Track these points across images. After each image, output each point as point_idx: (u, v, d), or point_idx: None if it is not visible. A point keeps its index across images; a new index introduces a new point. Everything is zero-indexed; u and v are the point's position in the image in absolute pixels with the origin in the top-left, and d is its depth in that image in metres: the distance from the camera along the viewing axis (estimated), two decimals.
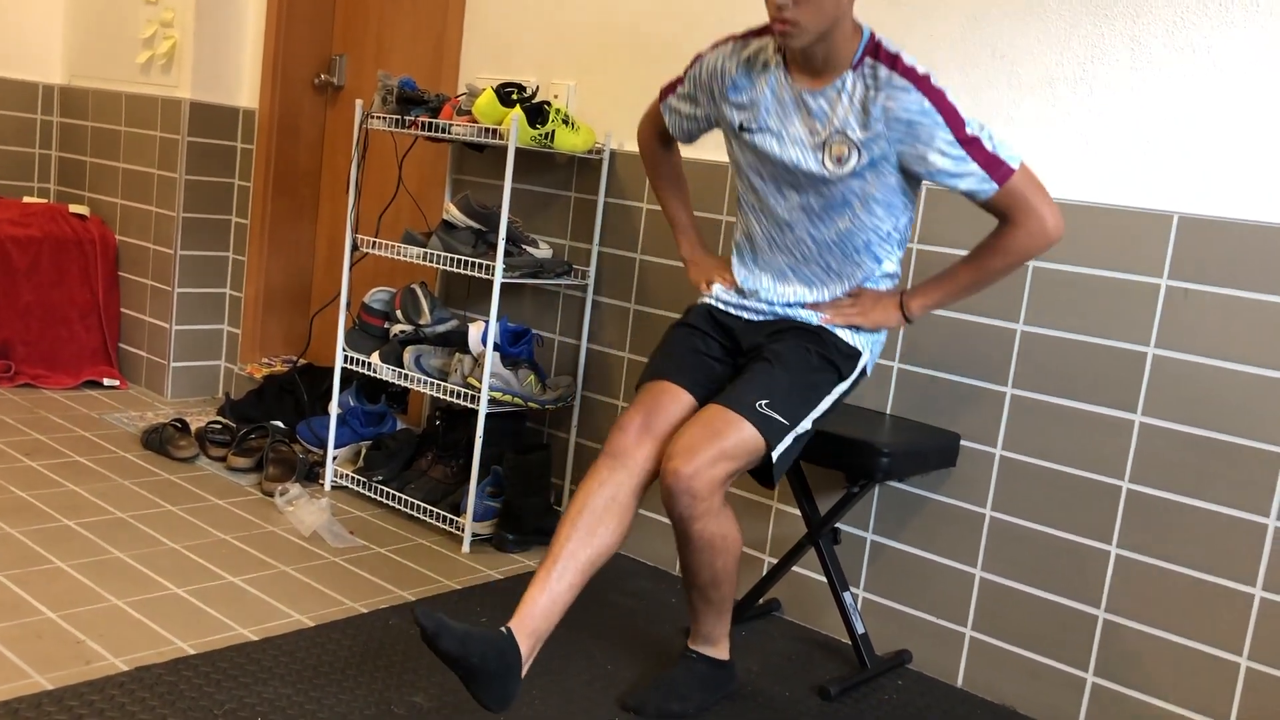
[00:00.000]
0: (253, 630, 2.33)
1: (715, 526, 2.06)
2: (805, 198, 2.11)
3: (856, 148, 2.02)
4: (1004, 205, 2.03)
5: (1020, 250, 2.05)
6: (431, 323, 3.23)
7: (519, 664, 1.94)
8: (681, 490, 2.00)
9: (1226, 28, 2.16)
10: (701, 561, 2.11)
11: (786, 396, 2.08)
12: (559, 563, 2.01)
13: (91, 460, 3.30)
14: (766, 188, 2.16)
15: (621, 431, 2.12)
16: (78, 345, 4.14)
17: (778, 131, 2.09)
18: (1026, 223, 2.02)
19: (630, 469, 2.09)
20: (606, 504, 2.05)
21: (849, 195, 2.08)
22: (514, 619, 1.97)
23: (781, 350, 2.15)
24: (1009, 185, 2.00)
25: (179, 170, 3.99)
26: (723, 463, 2.01)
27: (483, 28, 3.40)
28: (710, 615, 2.22)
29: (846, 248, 2.14)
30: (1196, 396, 2.20)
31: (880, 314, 2.18)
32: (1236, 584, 2.17)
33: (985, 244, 2.09)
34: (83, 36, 4.41)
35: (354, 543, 2.90)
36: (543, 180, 3.26)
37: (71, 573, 2.50)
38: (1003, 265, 2.08)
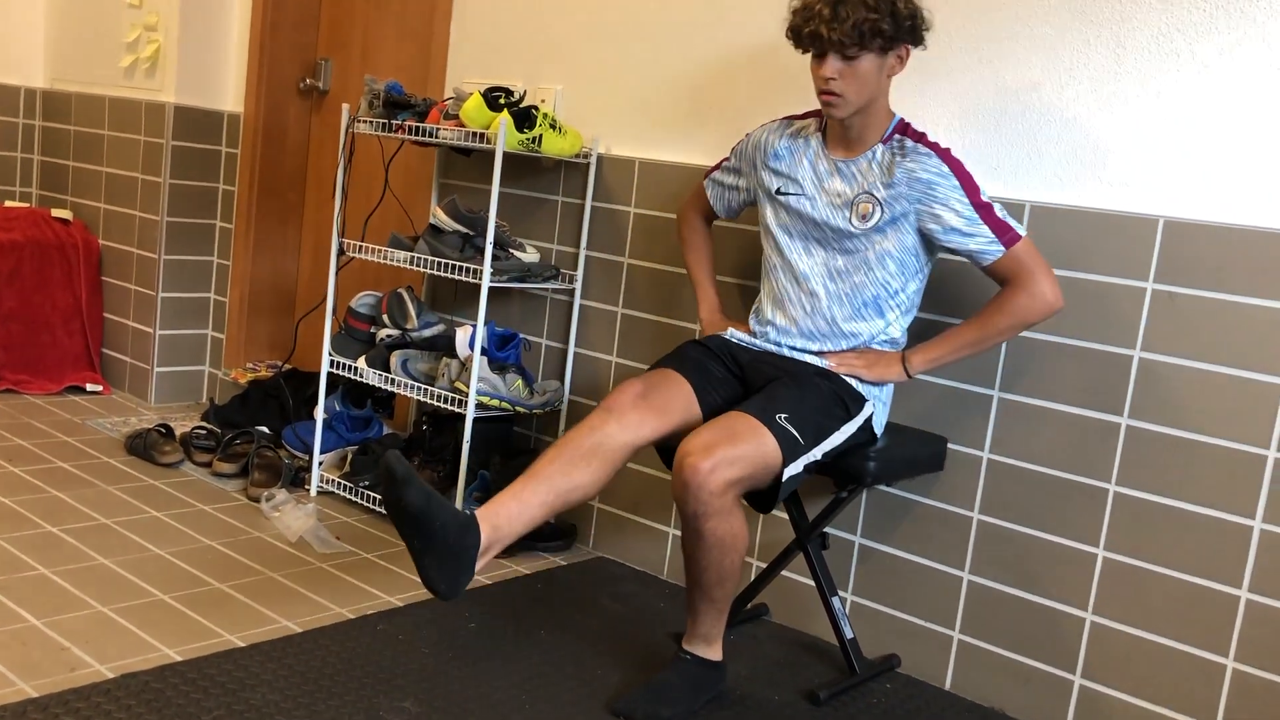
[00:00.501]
0: (240, 637, 2.32)
1: (726, 525, 2.08)
2: (829, 254, 2.30)
3: (880, 204, 2.22)
4: (1009, 270, 2.18)
5: (1023, 311, 2.18)
6: (418, 327, 3.22)
7: (475, 548, 1.94)
8: (697, 485, 2.03)
9: (1212, 34, 2.17)
10: (710, 560, 2.13)
11: (808, 418, 2.17)
12: (534, 480, 2.07)
13: (75, 466, 3.27)
14: (793, 244, 2.34)
15: (620, 392, 2.23)
16: (60, 350, 4.11)
17: (812, 195, 2.31)
18: (1029, 286, 2.17)
19: (622, 424, 2.16)
20: (592, 447, 2.13)
21: (868, 252, 2.26)
22: (481, 509, 2.01)
23: (801, 381, 2.26)
24: (1015, 250, 2.17)
25: (163, 174, 3.97)
26: (738, 464, 2.06)
27: (469, 32, 3.40)
28: (710, 614, 2.23)
29: (856, 301, 2.29)
30: (1182, 399, 2.21)
31: (883, 368, 2.30)
32: (1222, 586, 2.18)
33: (990, 304, 2.23)
34: (65, 40, 4.39)
35: (341, 548, 2.89)
36: (530, 184, 3.26)
37: (56, 579, 2.48)
38: (1006, 326, 2.21)
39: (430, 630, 2.45)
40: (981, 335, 2.24)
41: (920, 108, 2.52)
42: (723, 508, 2.07)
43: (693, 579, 2.19)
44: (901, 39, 2.17)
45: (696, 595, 2.21)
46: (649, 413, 2.21)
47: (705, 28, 2.88)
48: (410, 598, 2.63)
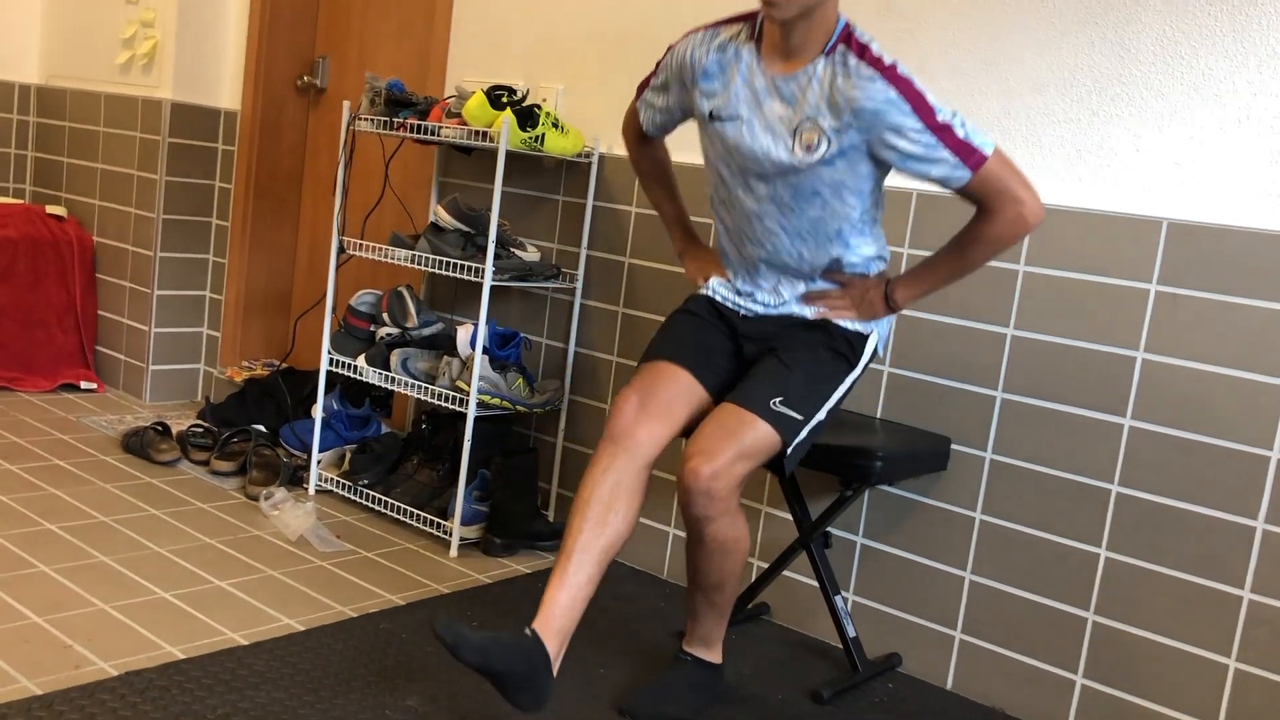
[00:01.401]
0: (242, 635, 2.31)
1: (729, 529, 2.07)
2: (773, 188, 2.09)
3: (826, 136, 2.00)
4: (980, 192, 2.00)
5: (999, 238, 2.03)
6: (418, 326, 3.21)
7: (547, 664, 1.95)
8: (700, 491, 2.01)
9: (1215, 38, 2.18)
10: (711, 564, 2.12)
11: (801, 393, 2.09)
12: (574, 556, 2.01)
13: (71, 464, 3.25)
14: (734, 180, 2.13)
15: (619, 413, 2.11)
16: (54, 348, 4.09)
17: (748, 119, 2.07)
18: (1004, 209, 1.99)
19: (631, 451, 2.07)
20: (613, 489, 2.04)
21: (818, 184, 2.05)
22: (538, 619, 1.97)
23: (792, 346, 2.15)
24: (983, 172, 1.98)
25: (159, 171, 3.96)
26: (740, 462, 2.03)
27: (470, 30, 3.39)
28: (711, 617, 2.22)
29: (820, 236, 2.12)
30: (1185, 400, 2.23)
31: (868, 309, 2.18)
32: (1225, 586, 2.19)
33: (964, 233, 2.07)
34: (60, 36, 4.36)
35: (341, 547, 2.88)
36: (531, 183, 3.26)
37: (56, 577, 2.47)
38: (983, 254, 2.07)
39: None
40: (961, 266, 2.10)
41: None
42: (726, 510, 2.05)
43: (694, 582, 2.19)
44: None
45: (698, 598, 2.21)
46: (654, 423, 2.10)
47: None
48: (411, 596, 2.62)
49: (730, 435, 2.03)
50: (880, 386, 2.61)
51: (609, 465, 2.07)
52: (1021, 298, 2.41)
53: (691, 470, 2.01)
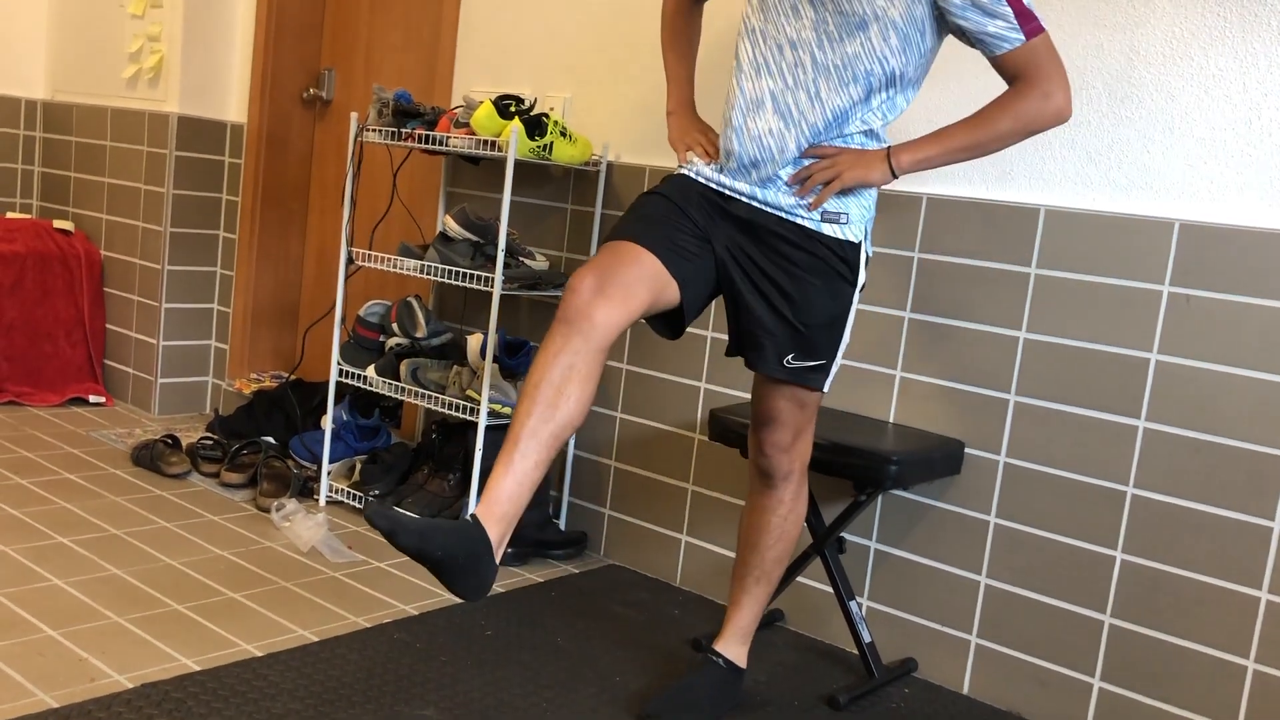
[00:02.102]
0: (257, 646, 2.30)
1: (799, 492, 2.21)
2: (821, 13, 1.98)
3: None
4: (1024, 64, 1.95)
5: (1032, 115, 1.97)
6: (427, 335, 3.22)
7: (489, 551, 1.84)
8: (781, 448, 2.16)
9: (1226, 38, 2.19)
10: (784, 530, 2.22)
11: (810, 343, 2.09)
12: (521, 442, 1.88)
13: (82, 477, 3.25)
14: (782, 6, 2.02)
15: (574, 294, 1.93)
16: (63, 362, 4.10)
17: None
18: (1042, 85, 1.95)
19: (586, 334, 1.91)
20: (565, 373, 1.89)
21: (870, 14, 1.95)
22: (479, 504, 1.87)
23: (782, 286, 2.05)
24: (1035, 42, 1.93)
25: (166, 185, 3.96)
26: (806, 426, 2.17)
27: (476, 40, 3.40)
28: (751, 608, 2.28)
29: (845, 74, 1.99)
30: (1199, 402, 2.22)
31: (863, 168, 2.02)
32: (1242, 587, 2.18)
33: (995, 104, 2.00)
34: (67, 52, 4.38)
35: (353, 557, 2.88)
36: (538, 192, 3.26)
37: (70, 590, 2.47)
38: (1009, 129, 1.99)
39: (447, 638, 2.44)
40: (982, 138, 2.01)
41: (932, 111, 2.52)
42: (804, 472, 2.20)
43: (750, 563, 2.26)
44: None
45: (748, 584, 2.27)
46: (611, 306, 1.92)
47: (714, 32, 2.88)
48: (426, 605, 2.62)
49: (779, 400, 2.14)
50: (893, 390, 2.61)
51: (561, 348, 1.91)
52: (1034, 300, 2.41)
53: (771, 442, 2.17)
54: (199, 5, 3.94)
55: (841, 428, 2.48)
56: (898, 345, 2.59)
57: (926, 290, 2.55)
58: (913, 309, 2.57)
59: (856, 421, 2.56)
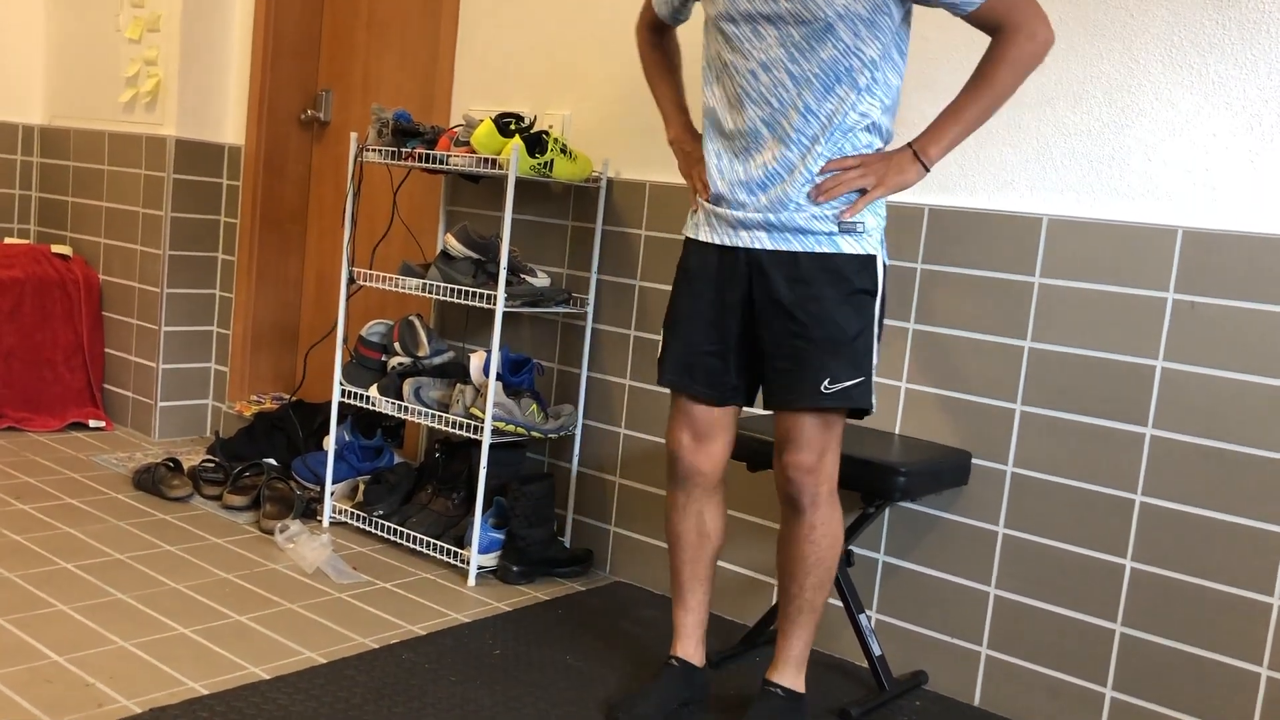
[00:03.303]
0: (264, 669, 2.29)
1: (829, 514, 2.13)
2: (785, 30, 1.97)
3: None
4: (997, 13, 1.94)
5: (1026, 57, 1.96)
6: (430, 354, 3.21)
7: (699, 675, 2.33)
8: (807, 470, 2.09)
9: (1225, 45, 2.19)
10: (818, 556, 2.14)
11: (846, 363, 2.04)
12: (685, 584, 2.30)
13: (83, 502, 3.24)
14: (741, 31, 2.01)
15: (676, 457, 2.24)
16: (62, 387, 4.08)
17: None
18: (1024, 27, 1.94)
19: (703, 485, 2.23)
20: (698, 520, 2.26)
21: (831, 16, 1.93)
22: (676, 644, 2.32)
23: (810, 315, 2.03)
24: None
25: (165, 208, 3.96)
26: (831, 446, 2.11)
27: (474, 59, 3.41)
28: (800, 635, 2.22)
29: (828, 79, 1.98)
30: (1207, 408, 2.22)
31: (896, 173, 2.01)
32: (1254, 594, 2.18)
33: (986, 61, 1.99)
34: (63, 77, 4.38)
35: (358, 578, 2.86)
36: (539, 209, 3.26)
37: (74, 615, 2.45)
38: (1011, 79, 1.98)
39: (456, 658, 2.42)
40: (991, 100, 1.99)
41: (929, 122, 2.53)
42: (828, 494, 2.13)
43: (786, 591, 2.19)
44: None
45: (791, 612, 2.20)
46: (711, 446, 2.22)
47: None
48: (432, 626, 2.60)
49: (808, 428, 2.08)
50: (898, 402, 2.60)
51: (686, 503, 2.25)
52: (1038, 310, 2.41)
53: (795, 463, 2.10)
54: (195, 28, 3.94)
55: (848, 440, 2.46)
56: (902, 357, 2.59)
57: (930, 302, 2.55)
58: (916, 320, 2.57)
59: (863, 434, 2.56)
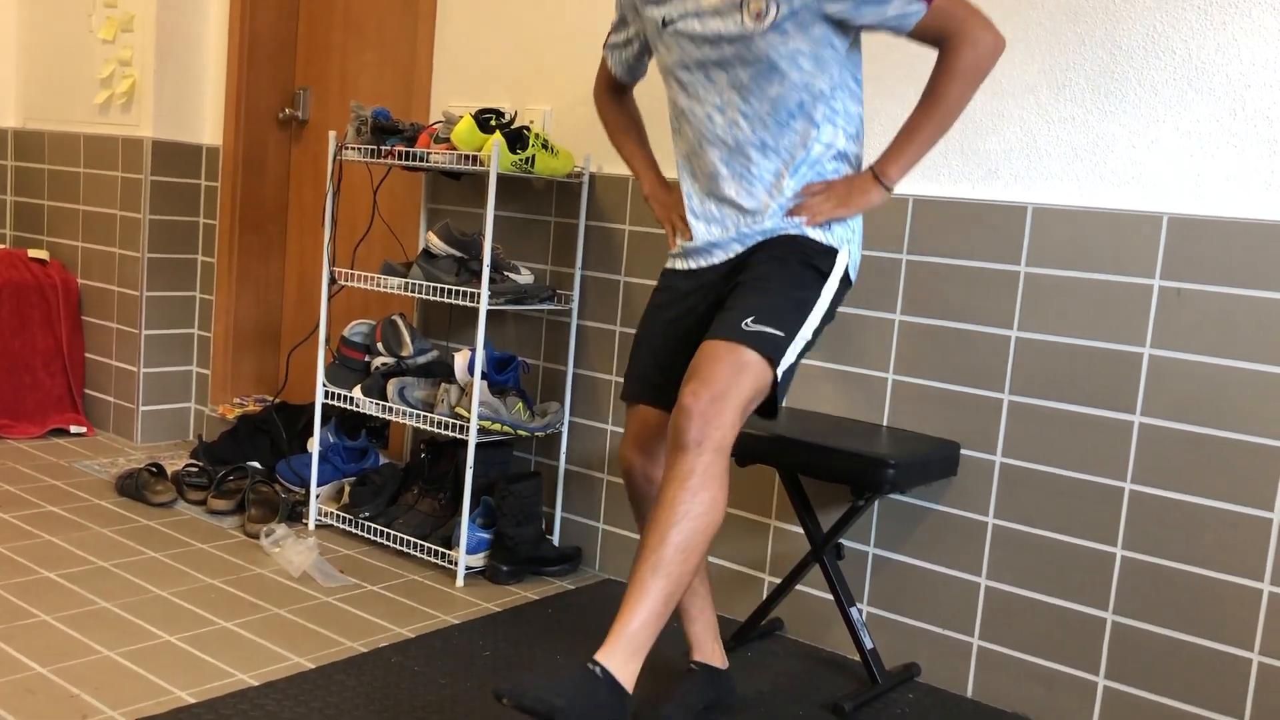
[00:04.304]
0: (252, 675, 2.26)
1: (713, 472, 1.86)
2: (733, 74, 2.02)
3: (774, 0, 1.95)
4: (940, 26, 1.94)
5: (974, 67, 1.95)
6: (413, 354, 3.18)
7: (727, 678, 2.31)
8: (699, 412, 1.86)
9: (1208, 30, 2.19)
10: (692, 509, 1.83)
11: (775, 308, 1.97)
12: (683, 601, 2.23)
13: (66, 510, 3.20)
14: (694, 78, 2.07)
15: (630, 478, 2.22)
16: (42, 393, 4.04)
17: (695, 11, 2.02)
18: (971, 34, 1.93)
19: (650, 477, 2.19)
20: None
21: (775, 56, 1.97)
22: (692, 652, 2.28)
23: (756, 270, 2.04)
24: (939, 3, 1.92)
25: (143, 210, 3.92)
26: (734, 389, 1.89)
27: (453, 56, 3.38)
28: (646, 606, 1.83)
29: (780, 114, 2.02)
30: (1195, 395, 2.22)
31: (859, 196, 2.04)
32: (1244, 580, 2.18)
33: (935, 77, 1.99)
34: (37, 79, 4.33)
35: (345, 581, 2.84)
36: (521, 206, 3.24)
37: (58, 625, 2.42)
38: (960, 91, 1.97)
39: (446, 660, 2.40)
40: (943, 111, 1.99)
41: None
42: (719, 445, 1.86)
43: (650, 542, 1.83)
44: None
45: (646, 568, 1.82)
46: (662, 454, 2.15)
47: None
48: (421, 628, 2.58)
49: (719, 360, 1.91)
50: (885, 394, 2.60)
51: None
52: (1024, 299, 2.40)
53: (691, 391, 1.89)
54: (170, 28, 3.90)
55: (836, 433, 2.47)
56: (889, 348, 2.58)
57: (916, 292, 2.54)
58: (903, 311, 2.56)
59: (850, 426, 2.55)
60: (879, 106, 2.58)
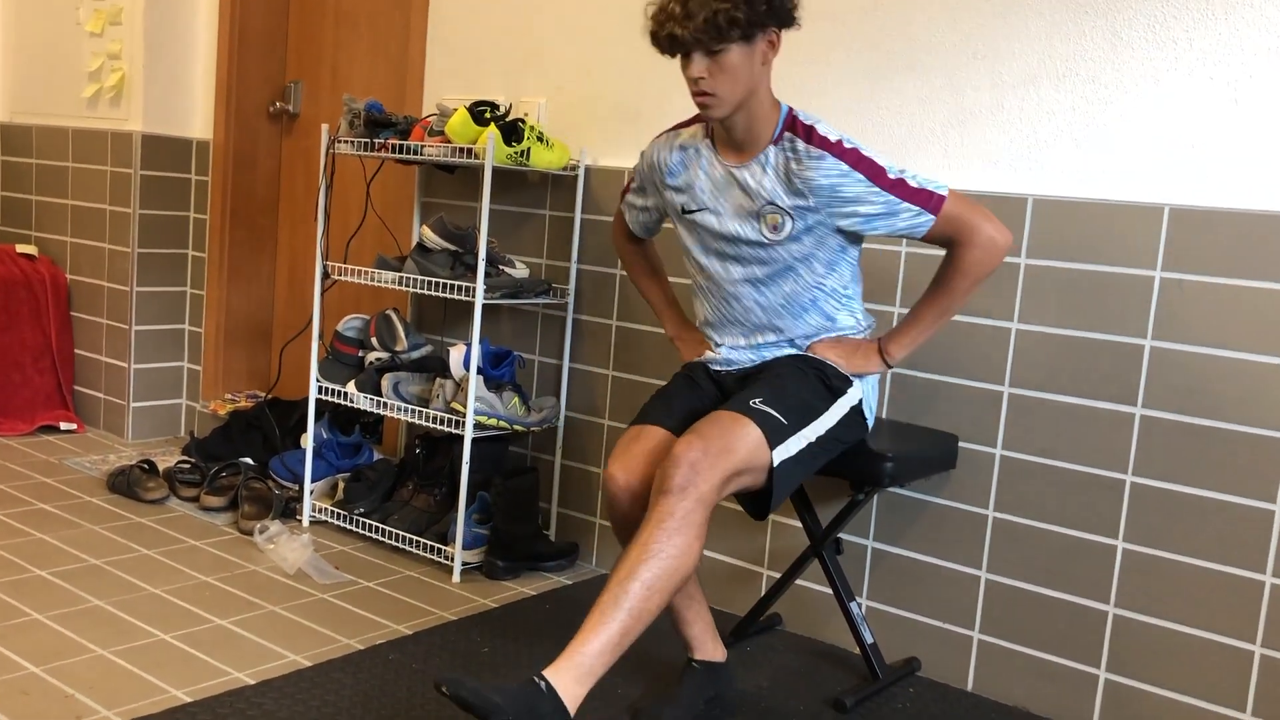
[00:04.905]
0: (249, 674, 2.24)
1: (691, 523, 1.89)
2: (749, 269, 2.17)
3: (789, 215, 2.09)
4: (949, 231, 2.08)
5: (979, 266, 2.08)
6: (408, 349, 3.16)
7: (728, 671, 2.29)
8: (690, 460, 1.90)
9: (1209, 20, 2.17)
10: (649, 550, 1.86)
11: (788, 399, 2.07)
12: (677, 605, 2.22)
13: (57, 507, 3.17)
14: (712, 263, 2.21)
15: (613, 505, 2.11)
16: (31, 390, 4.00)
17: (714, 208, 2.16)
18: (975, 238, 2.06)
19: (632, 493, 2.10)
20: None
21: (791, 259, 2.13)
22: (691, 651, 2.25)
23: (772, 370, 2.17)
24: (945, 211, 2.06)
25: (132, 205, 3.88)
26: (729, 454, 1.94)
27: (446, 48, 3.35)
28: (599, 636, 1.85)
29: (794, 308, 2.18)
30: (1196, 387, 2.21)
31: (861, 359, 2.19)
32: (1246, 572, 2.17)
33: (943, 271, 2.12)
34: (24, 72, 4.29)
35: (341, 578, 2.82)
36: (516, 199, 3.22)
37: (51, 624, 2.39)
38: (966, 286, 2.11)
39: (444, 657, 2.39)
40: (949, 303, 2.13)
41: (914, 104, 2.51)
42: (701, 500, 1.89)
43: (619, 574, 1.86)
44: (763, 23, 1.99)
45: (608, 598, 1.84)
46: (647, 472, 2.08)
47: None
48: (418, 625, 2.56)
49: (721, 424, 1.99)
50: (885, 387, 2.58)
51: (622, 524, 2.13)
52: (1024, 291, 2.39)
53: (687, 442, 1.94)
54: (159, 21, 3.87)
55: None
56: None
57: (915, 284, 2.52)
58: (902, 304, 2.55)
59: None
60: (880, 99, 2.57)
